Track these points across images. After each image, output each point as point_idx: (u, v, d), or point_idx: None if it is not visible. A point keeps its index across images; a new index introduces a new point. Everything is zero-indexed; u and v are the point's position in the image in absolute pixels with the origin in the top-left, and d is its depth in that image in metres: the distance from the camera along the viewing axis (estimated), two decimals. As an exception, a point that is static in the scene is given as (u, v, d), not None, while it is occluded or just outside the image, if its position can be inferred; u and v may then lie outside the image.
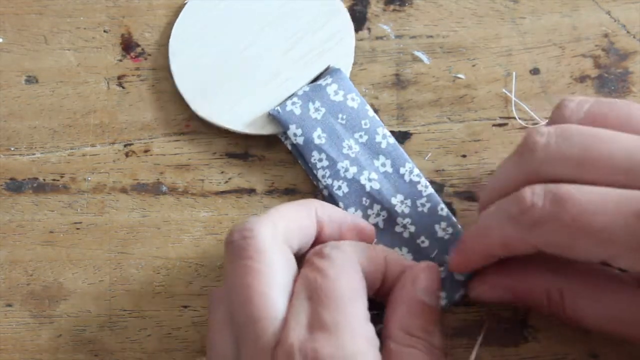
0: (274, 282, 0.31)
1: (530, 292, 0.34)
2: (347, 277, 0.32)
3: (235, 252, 0.32)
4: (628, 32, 0.41)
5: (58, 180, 0.40)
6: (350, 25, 0.41)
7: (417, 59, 0.41)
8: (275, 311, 0.31)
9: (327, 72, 0.40)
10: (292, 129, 0.38)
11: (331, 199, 0.38)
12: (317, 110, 0.39)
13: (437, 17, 0.41)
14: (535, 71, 0.40)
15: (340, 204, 0.38)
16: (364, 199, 0.38)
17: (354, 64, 0.41)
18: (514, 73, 0.40)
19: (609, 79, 0.40)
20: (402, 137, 0.40)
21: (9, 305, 0.38)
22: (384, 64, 0.41)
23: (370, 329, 0.31)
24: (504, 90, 0.40)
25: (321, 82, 0.39)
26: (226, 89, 0.40)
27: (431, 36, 0.41)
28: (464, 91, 0.40)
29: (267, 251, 0.31)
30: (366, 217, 0.38)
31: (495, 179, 0.34)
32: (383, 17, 0.41)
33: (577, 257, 0.31)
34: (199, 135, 0.40)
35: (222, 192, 0.39)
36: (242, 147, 0.40)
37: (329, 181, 0.38)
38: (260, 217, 0.33)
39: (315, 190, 0.39)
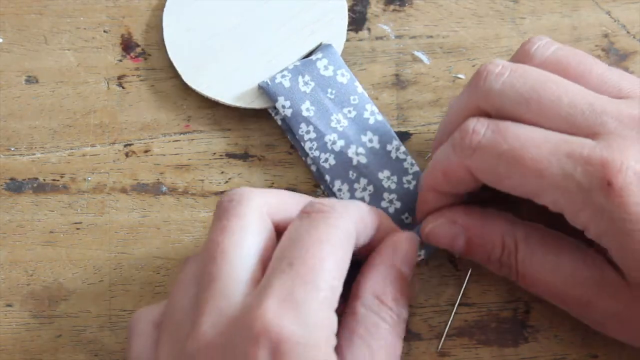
0: (242, 244, 0.31)
1: (486, 235, 0.34)
2: (337, 250, 0.30)
3: (219, 212, 0.32)
4: (628, 32, 0.41)
5: (58, 180, 0.40)
6: (344, 5, 0.41)
7: (417, 59, 0.41)
8: (236, 273, 0.30)
9: (318, 48, 0.40)
10: (281, 101, 0.39)
11: (318, 173, 0.38)
12: (306, 83, 0.39)
13: (437, 17, 0.41)
14: (535, 71, 0.40)
15: (327, 176, 0.38)
16: (351, 172, 0.38)
17: (354, 64, 0.41)
18: (514, 73, 0.40)
19: (609, 79, 0.40)
20: (402, 137, 0.40)
21: (9, 305, 0.38)
22: (384, 64, 0.41)
23: (334, 319, 0.30)
24: (504, 90, 0.40)
25: (312, 57, 0.40)
26: (218, 61, 0.40)
27: (431, 36, 0.41)
28: (464, 91, 0.40)
29: (247, 216, 0.31)
30: (353, 191, 0.38)
31: (448, 113, 0.36)
32: (383, 17, 0.41)
33: (506, 189, 0.32)
34: (199, 135, 0.40)
35: (222, 192, 0.39)
36: (242, 147, 0.40)
37: (316, 153, 0.38)
38: (254, 188, 0.32)
39: (314, 190, 0.39)
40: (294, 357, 0.28)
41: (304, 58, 0.40)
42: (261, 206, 0.32)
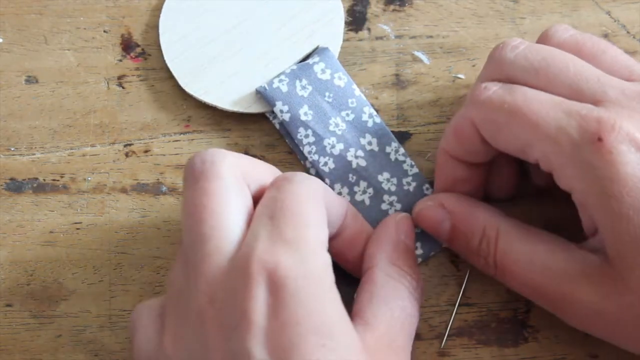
0: (228, 203, 0.31)
1: (469, 221, 0.35)
2: (312, 201, 0.31)
3: (194, 174, 0.31)
4: (628, 32, 0.41)
5: (58, 180, 0.40)
6: (340, 6, 0.41)
7: (417, 59, 0.41)
8: (228, 231, 0.30)
9: (315, 51, 0.40)
10: (279, 106, 0.39)
11: (318, 177, 0.38)
12: (303, 88, 0.39)
13: (437, 17, 0.41)
14: (535, 71, 0.40)
15: (327, 180, 0.38)
16: (351, 175, 0.38)
17: (354, 64, 0.41)
18: (514, 73, 0.40)
19: (609, 79, 0.40)
20: (402, 137, 0.40)
21: (9, 305, 0.38)
22: (384, 64, 0.41)
23: (327, 257, 0.30)
24: (504, 90, 0.40)
25: (309, 60, 0.40)
26: (215, 66, 0.40)
27: (431, 36, 0.41)
28: (464, 91, 0.40)
29: (225, 178, 0.31)
30: (353, 194, 0.38)
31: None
32: (383, 17, 0.41)
33: (501, 144, 0.33)
34: (199, 135, 0.40)
35: (222, 192, 0.39)
36: (242, 147, 0.40)
37: (315, 157, 0.38)
38: (223, 150, 0.32)
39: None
40: (292, 291, 0.28)
41: (300, 62, 0.40)
42: (235, 166, 0.32)
